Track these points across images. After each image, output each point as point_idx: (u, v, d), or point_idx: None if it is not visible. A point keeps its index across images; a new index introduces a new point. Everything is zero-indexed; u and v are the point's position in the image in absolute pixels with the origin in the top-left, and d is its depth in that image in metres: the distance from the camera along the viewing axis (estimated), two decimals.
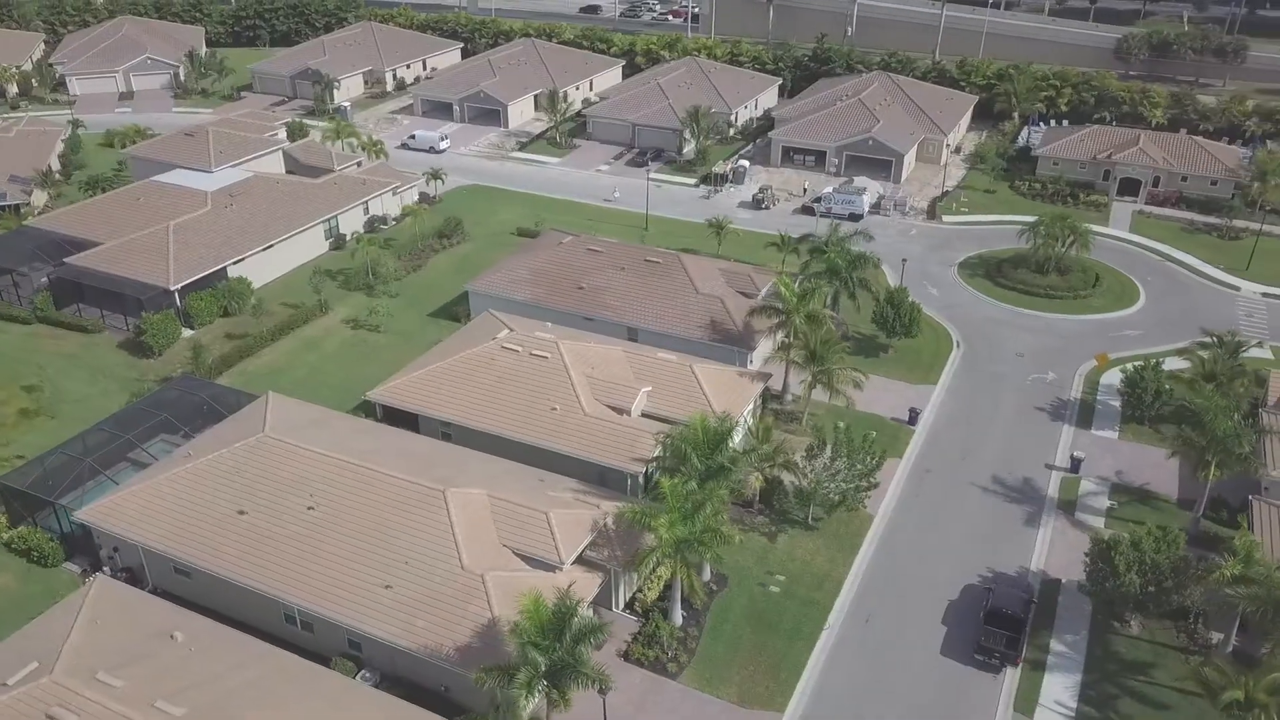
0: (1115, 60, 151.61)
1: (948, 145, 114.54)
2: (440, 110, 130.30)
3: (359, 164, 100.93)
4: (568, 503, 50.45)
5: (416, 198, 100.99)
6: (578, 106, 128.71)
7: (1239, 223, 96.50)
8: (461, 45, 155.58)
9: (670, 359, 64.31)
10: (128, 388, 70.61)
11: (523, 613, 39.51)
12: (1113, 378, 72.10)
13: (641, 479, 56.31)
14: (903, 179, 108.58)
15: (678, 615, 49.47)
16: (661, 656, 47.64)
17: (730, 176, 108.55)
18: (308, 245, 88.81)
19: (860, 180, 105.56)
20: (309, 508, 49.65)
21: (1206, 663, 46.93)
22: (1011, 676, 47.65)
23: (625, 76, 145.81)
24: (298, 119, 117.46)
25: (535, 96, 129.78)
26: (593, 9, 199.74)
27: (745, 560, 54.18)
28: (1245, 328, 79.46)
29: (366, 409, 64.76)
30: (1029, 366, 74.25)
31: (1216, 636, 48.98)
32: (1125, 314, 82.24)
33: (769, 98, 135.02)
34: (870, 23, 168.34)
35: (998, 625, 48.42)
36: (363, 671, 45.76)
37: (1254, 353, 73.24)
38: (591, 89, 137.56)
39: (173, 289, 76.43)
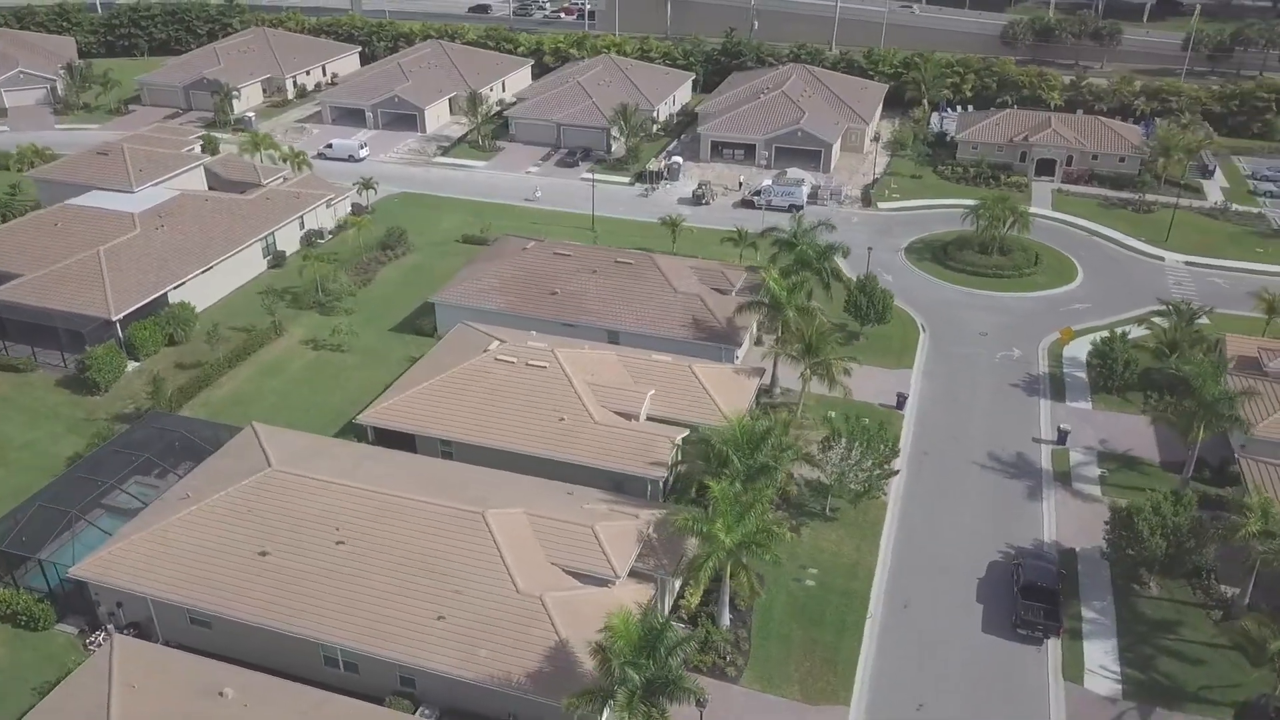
0: (1001, 46, 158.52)
1: (870, 134, 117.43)
2: (350, 117, 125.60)
3: (285, 178, 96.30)
4: (607, 515, 49.37)
5: (349, 209, 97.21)
6: (495, 108, 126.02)
7: (1151, 196, 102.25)
8: (360, 49, 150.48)
9: (665, 360, 63.83)
10: (78, 429, 65.56)
11: (610, 631, 38.35)
12: (1074, 350, 75.33)
13: (662, 484, 55.79)
14: (831, 168, 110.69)
15: (725, 618, 49.10)
16: (719, 661, 47.18)
17: (665, 174, 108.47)
18: (246, 265, 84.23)
19: (794, 171, 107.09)
20: (338, 542, 47.03)
21: (1228, 617, 49.80)
22: (1053, 647, 49.15)
23: (534, 76, 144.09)
24: (210, 133, 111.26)
25: (451, 99, 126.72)
26: (482, 8, 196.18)
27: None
28: (1178, 295, 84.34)
29: (352, 432, 61.96)
30: (994, 345, 76.82)
31: (1229, 591, 51.68)
32: (1069, 289, 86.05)
33: (684, 93, 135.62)
34: (765, 15, 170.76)
35: (1034, 598, 49.89)
36: (421, 708, 43.71)
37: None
38: (504, 90, 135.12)
39: (115, 319, 71.28)
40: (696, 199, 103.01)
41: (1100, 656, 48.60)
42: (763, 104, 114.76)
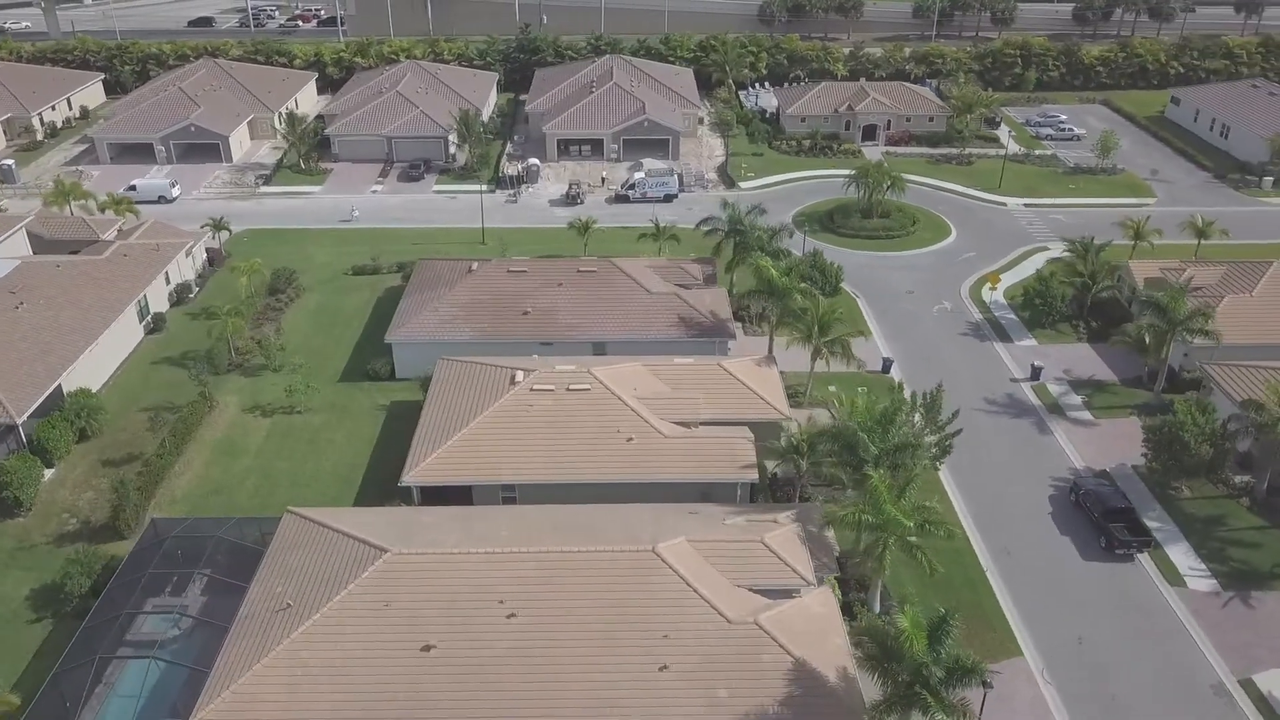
0: (759, 23, 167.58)
1: (700, 118, 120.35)
2: (131, 153, 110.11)
3: (120, 229, 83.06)
4: (759, 526, 47.99)
5: (204, 255, 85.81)
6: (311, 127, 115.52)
7: (969, 150, 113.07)
8: (102, 76, 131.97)
9: (690, 362, 62.63)
10: (17, 561, 54.06)
11: (898, 634, 37.75)
12: (994, 295, 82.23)
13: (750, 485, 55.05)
14: (680, 155, 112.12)
15: (877, 602, 49.53)
16: None
17: (525, 176, 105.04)
18: (123, 334, 72.04)
19: (649, 161, 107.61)
20: (508, 616, 42.29)
21: (1255, 502, 57.28)
22: (1144, 560, 54.05)
23: (319, 89, 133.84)
24: None
25: (250, 122, 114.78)
26: (204, 21, 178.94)
27: None
28: (1034, 233, 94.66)
29: (391, 497, 55.38)
30: (923, 300, 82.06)
31: (1242, 480, 59.21)
32: (951, 241, 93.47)
33: (494, 94, 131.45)
34: (531, 9, 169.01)
35: (1118, 520, 54.62)
36: None
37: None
38: (297, 106, 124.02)
39: (19, 421, 58.78)
40: (571, 199, 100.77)
41: (1185, 559, 54.07)
42: (599, 98, 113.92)
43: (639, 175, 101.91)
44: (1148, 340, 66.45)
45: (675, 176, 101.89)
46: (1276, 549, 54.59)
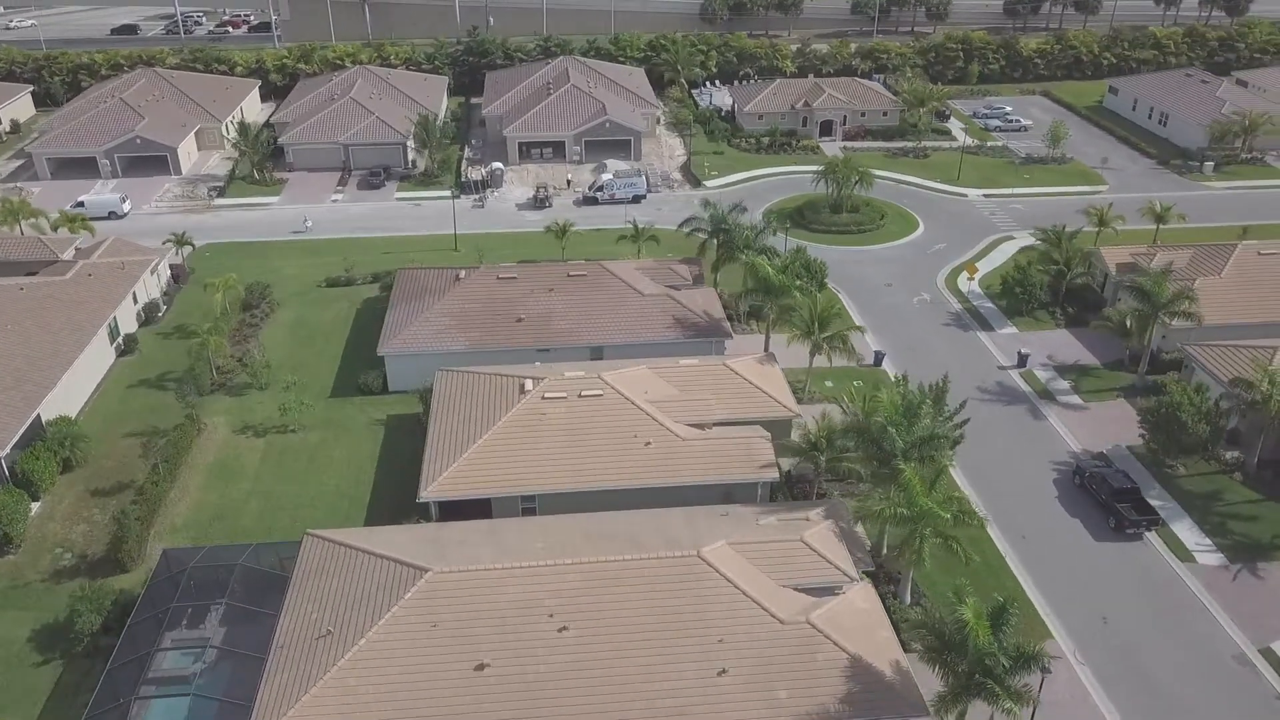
0: (702, 21, 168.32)
1: (658, 118, 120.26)
2: (73, 167, 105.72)
3: (78, 247, 79.61)
4: (796, 525, 48.07)
5: (168, 272, 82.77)
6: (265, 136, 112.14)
7: (925, 143, 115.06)
8: (31, 88, 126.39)
9: (695, 363, 62.46)
10: (10, 601, 51.37)
11: (961, 626, 38.12)
12: (965, 285, 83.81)
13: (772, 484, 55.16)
14: (642, 156, 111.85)
15: (908, 594, 50.05)
16: None
17: (489, 181, 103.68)
18: (95, 358, 68.96)
19: (613, 163, 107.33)
20: (560, 629, 41.62)
21: (1246, 476, 59.39)
22: (1152, 538, 55.59)
23: (263, 97, 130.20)
24: None
25: (198, 133, 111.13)
26: (129, 29, 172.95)
27: None
28: (998, 223, 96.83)
29: (408, 513, 54.04)
30: (902, 293, 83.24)
31: (1231, 455, 61.33)
32: (921, 234, 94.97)
33: (445, 97, 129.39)
34: (475, 12, 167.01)
35: (1125, 500, 56.08)
36: None
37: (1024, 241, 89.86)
38: (243, 114, 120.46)
39: (2, 454, 55.90)
40: (539, 202, 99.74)
41: (1191, 536, 55.74)
42: (558, 100, 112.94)
43: (606, 177, 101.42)
44: (1129, 324, 68.41)
45: (643, 177, 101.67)
46: (1274, 520, 56.67)
